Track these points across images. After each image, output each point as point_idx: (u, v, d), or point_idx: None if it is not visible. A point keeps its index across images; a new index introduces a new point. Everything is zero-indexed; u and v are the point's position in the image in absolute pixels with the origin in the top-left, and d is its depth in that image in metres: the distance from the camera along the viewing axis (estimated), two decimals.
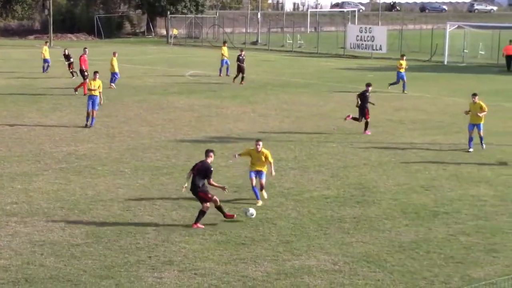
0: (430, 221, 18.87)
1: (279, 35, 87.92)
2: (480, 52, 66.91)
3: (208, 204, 18.15)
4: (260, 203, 19.97)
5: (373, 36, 66.86)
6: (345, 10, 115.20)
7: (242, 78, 45.37)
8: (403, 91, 42.48)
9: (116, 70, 43.02)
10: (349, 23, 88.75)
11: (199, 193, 18.14)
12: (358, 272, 15.51)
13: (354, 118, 30.30)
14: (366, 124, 30.19)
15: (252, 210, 18.65)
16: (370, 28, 69.06)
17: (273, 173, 20.59)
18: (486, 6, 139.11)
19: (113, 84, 42.58)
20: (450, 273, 15.47)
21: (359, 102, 30.03)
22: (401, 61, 43.08)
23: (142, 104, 37.33)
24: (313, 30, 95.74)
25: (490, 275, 15.30)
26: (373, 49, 66.67)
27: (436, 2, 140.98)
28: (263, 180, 20.30)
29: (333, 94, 42.14)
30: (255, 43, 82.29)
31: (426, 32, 76.93)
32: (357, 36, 67.90)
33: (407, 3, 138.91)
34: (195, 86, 44.97)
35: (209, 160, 18.36)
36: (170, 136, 29.40)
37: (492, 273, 15.48)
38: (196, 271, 15.39)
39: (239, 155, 21.01)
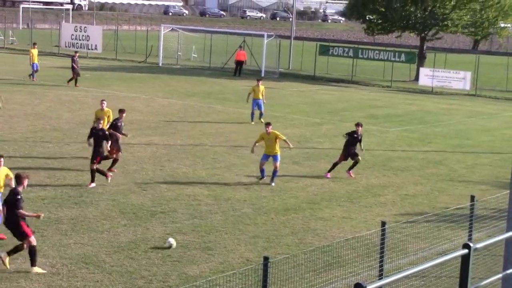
0: (147, 221, 19.17)
1: None
2: (193, 55, 68.96)
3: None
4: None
5: (88, 36, 66.30)
6: (56, 7, 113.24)
7: (76, 80, 44.74)
8: (260, 118, 35.48)
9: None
10: (63, 21, 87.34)
11: None
12: (77, 274, 15.39)
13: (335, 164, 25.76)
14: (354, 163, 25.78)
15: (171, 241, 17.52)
16: (85, 27, 68.44)
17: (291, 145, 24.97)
18: (257, 13, 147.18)
19: None
20: (168, 272, 15.84)
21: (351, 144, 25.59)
22: (259, 87, 35.75)
23: None
24: (26, 26, 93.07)
25: (206, 272, 15.87)
26: (89, 49, 66.13)
27: (214, 8, 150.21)
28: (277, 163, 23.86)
29: (48, 93, 41.30)
30: None
31: (141, 33, 77.88)
32: (72, 35, 66.98)
33: (121, 3, 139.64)
34: None
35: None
36: None
37: (207, 270, 16.07)
38: None
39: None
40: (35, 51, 47.08)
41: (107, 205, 20.35)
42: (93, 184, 22.15)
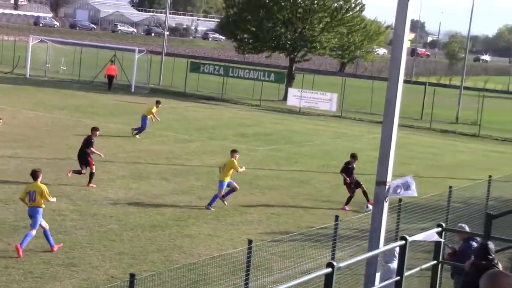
0: (10, 236, 18.64)
1: None
2: (62, 67, 67.72)
3: None
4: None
5: None
6: None
7: None
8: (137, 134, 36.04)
9: None
10: None
11: None
12: None
13: (350, 199, 25.48)
14: (349, 199, 25.59)
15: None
16: None
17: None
18: (128, 28, 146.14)
19: None
20: None
21: (346, 179, 25.68)
22: (155, 108, 36.80)
23: None
24: None
25: None
26: None
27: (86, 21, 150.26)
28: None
29: None
30: None
31: (9, 43, 75.83)
32: None
33: None
34: None
35: None
36: None
37: (70, 286, 15.78)
38: None
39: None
40: None
41: None
42: None
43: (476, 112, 54.29)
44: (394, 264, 13.19)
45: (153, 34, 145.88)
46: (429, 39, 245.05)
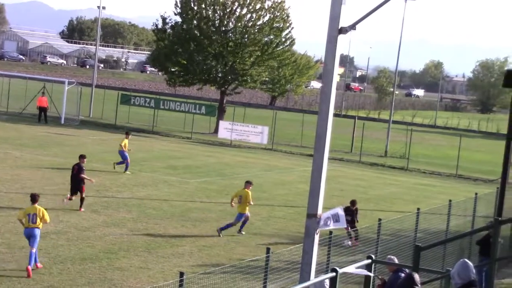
0: None
1: None
2: None
3: None
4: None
5: None
6: None
7: None
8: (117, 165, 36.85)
9: None
10: None
11: None
12: None
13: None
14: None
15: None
16: None
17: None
18: (58, 60, 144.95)
19: None
20: None
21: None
22: (126, 140, 37.28)
23: None
24: None
25: None
26: None
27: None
28: None
29: None
30: None
31: None
32: None
33: None
34: None
35: None
36: None
37: None
38: None
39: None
40: None
41: None
42: None
43: (405, 146, 55.31)
44: None
45: (87, 67, 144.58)
46: (358, 73, 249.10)
